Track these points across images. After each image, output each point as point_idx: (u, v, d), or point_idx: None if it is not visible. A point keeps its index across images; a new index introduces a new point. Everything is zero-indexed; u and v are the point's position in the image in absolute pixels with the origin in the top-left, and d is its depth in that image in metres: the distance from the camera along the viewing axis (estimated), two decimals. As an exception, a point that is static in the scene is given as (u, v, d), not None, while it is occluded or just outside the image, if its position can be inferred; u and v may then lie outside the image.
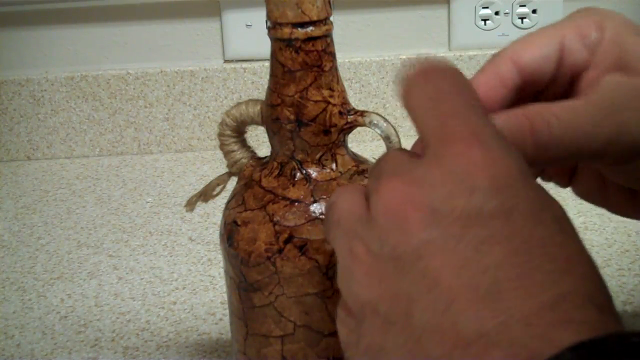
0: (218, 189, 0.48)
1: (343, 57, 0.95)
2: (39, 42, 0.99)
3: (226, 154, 0.46)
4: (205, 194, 0.48)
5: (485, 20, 0.96)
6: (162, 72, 0.98)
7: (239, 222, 0.43)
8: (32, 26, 0.98)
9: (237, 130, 0.46)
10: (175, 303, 0.64)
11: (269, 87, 0.43)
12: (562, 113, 0.36)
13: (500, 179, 0.28)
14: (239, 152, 0.46)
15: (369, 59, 0.97)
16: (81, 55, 0.99)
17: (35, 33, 0.98)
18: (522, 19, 0.96)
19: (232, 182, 0.47)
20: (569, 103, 0.37)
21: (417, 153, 0.32)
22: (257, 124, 0.45)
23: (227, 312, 0.61)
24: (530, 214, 0.28)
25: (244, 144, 0.46)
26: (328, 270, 0.42)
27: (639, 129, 0.37)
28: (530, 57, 0.39)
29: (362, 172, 0.44)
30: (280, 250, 0.42)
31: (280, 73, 0.42)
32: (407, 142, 0.37)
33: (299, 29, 0.41)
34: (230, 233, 0.44)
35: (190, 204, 0.49)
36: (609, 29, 0.39)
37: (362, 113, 0.43)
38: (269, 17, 0.42)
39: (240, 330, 0.45)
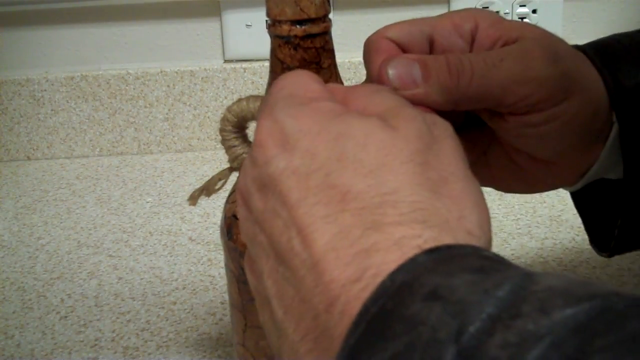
0: (220, 183, 0.49)
1: (343, 57, 0.95)
2: (39, 42, 0.99)
3: (227, 149, 0.46)
4: (208, 189, 0.49)
5: (485, 20, 0.96)
6: (162, 72, 0.98)
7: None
8: (32, 26, 0.98)
9: (238, 126, 0.46)
10: (175, 303, 0.64)
11: (268, 84, 0.43)
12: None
13: None
14: (240, 148, 0.46)
15: (369, 59, 0.97)
16: (81, 55, 0.99)
17: (35, 33, 0.99)
18: (522, 19, 0.96)
19: (234, 177, 0.47)
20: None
21: None
22: (258, 119, 0.45)
23: (227, 312, 0.61)
24: None
25: (245, 139, 0.47)
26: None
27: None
28: (396, 32, 0.40)
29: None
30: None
31: (279, 70, 0.42)
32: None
33: (298, 26, 0.41)
34: (229, 226, 0.44)
35: (193, 198, 0.49)
36: (484, 21, 0.40)
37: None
38: (268, 14, 0.42)
39: (240, 322, 0.46)
